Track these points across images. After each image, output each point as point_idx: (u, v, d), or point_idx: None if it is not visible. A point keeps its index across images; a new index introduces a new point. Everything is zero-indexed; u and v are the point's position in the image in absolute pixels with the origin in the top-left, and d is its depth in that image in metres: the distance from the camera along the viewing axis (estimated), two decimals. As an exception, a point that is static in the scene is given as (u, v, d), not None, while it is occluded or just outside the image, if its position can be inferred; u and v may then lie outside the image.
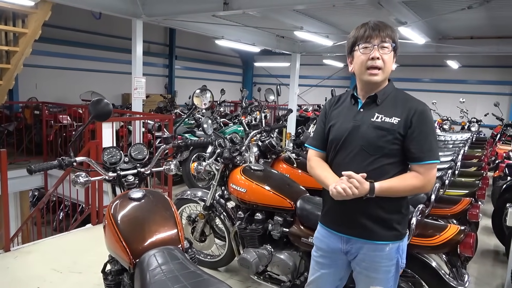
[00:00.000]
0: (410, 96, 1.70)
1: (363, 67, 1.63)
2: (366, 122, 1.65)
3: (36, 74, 8.71)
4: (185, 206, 3.43)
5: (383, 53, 1.60)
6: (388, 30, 1.62)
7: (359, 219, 1.68)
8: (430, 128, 1.62)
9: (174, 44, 12.36)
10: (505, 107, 11.10)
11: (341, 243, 1.74)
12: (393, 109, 1.64)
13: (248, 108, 7.62)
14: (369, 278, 1.71)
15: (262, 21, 7.09)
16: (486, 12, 5.95)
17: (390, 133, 1.60)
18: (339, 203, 1.69)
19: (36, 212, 5.44)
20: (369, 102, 1.68)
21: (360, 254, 1.71)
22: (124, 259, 1.70)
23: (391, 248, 1.67)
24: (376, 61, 1.60)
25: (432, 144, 1.60)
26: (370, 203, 1.64)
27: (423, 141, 1.59)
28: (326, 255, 1.81)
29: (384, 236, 1.67)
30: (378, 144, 1.62)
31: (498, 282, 3.45)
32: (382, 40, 1.59)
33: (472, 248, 2.06)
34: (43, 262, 3.43)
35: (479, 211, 2.81)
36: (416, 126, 1.59)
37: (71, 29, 9.37)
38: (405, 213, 1.73)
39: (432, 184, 1.63)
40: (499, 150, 6.60)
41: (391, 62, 1.64)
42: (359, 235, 1.69)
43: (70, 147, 2.01)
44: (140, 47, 6.18)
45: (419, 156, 1.59)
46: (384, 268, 1.68)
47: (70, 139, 6.56)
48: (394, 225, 1.67)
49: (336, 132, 1.72)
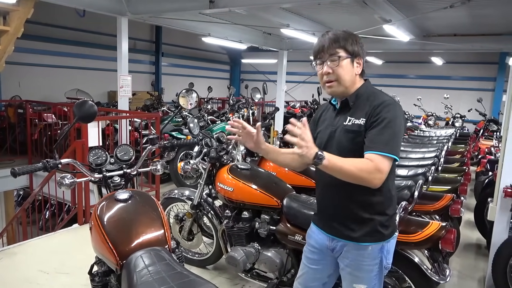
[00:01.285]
0: (381, 93, 1.69)
1: (322, 82, 1.72)
2: (340, 126, 1.71)
3: (19, 72, 8.55)
4: (173, 205, 3.44)
5: (333, 66, 1.65)
6: (336, 42, 1.64)
7: (340, 219, 1.72)
8: (388, 121, 1.56)
9: (161, 41, 12.25)
10: (488, 103, 11.33)
11: (328, 241, 1.79)
12: (362, 110, 1.66)
13: (235, 105, 7.61)
14: (352, 276, 1.74)
15: (248, 18, 7.08)
16: (468, 10, 6.06)
17: (358, 135, 1.63)
18: (325, 203, 1.78)
19: (21, 212, 5.37)
20: (343, 107, 1.73)
21: (343, 252, 1.74)
22: (110, 260, 1.71)
23: (374, 248, 1.70)
24: (329, 76, 1.66)
25: (387, 137, 1.55)
26: (352, 204, 1.67)
27: (378, 131, 1.56)
28: (315, 251, 1.86)
29: (366, 238, 1.69)
30: (350, 147, 1.64)
31: (480, 275, 3.55)
32: (330, 54, 1.64)
33: (453, 244, 2.12)
34: (30, 264, 3.40)
35: (460, 206, 2.89)
36: (375, 119, 1.58)
37: (55, 26, 9.20)
38: (389, 214, 1.72)
39: (381, 179, 1.53)
40: (482, 145, 6.76)
41: (348, 71, 1.66)
42: (341, 236, 1.73)
43: (55, 149, 2.00)
44: (125, 44, 6.12)
45: (369, 146, 1.56)
46: (366, 267, 1.71)
47: (55, 138, 6.47)
48: (376, 227, 1.68)
49: (319, 138, 1.78)
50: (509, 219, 3.14)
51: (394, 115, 1.59)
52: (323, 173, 1.62)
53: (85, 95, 7.57)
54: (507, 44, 7.83)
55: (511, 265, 2.91)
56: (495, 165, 4.33)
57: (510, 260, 2.90)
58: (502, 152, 3.16)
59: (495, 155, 5.05)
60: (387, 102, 1.61)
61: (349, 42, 1.66)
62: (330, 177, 1.60)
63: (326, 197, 1.78)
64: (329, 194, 1.75)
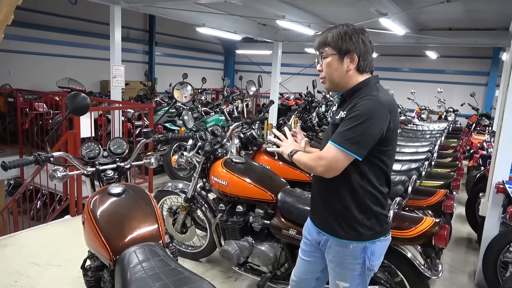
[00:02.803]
0: (372, 90, 1.61)
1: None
2: (331, 121, 1.77)
3: (10, 59, 8.41)
4: (166, 198, 3.42)
5: (322, 64, 1.70)
6: (326, 41, 1.65)
7: (325, 215, 1.75)
8: (356, 118, 1.52)
9: (154, 30, 12.11)
10: (481, 97, 11.40)
11: (316, 234, 1.83)
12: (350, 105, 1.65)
13: (229, 97, 7.57)
14: (334, 271, 1.77)
15: (244, 9, 7.01)
16: (463, 5, 6.06)
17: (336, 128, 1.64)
18: (313, 196, 1.85)
19: (12, 202, 5.32)
20: (342, 102, 1.76)
21: (327, 247, 1.77)
22: (104, 255, 1.69)
23: (355, 247, 1.66)
24: (321, 73, 1.73)
25: (346, 131, 1.53)
26: (335, 198, 1.69)
27: (342, 126, 1.57)
28: (308, 243, 1.90)
29: (346, 235, 1.67)
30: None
31: (470, 269, 3.59)
32: (320, 53, 1.70)
33: (446, 240, 2.14)
34: (21, 256, 3.37)
35: (453, 202, 2.91)
36: (349, 111, 1.58)
37: (46, 13, 9.03)
38: (372, 216, 1.65)
39: (324, 167, 1.55)
40: (474, 140, 6.79)
41: (334, 69, 1.65)
42: (324, 230, 1.76)
43: (47, 141, 1.97)
44: (118, 34, 6.02)
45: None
46: (348, 265, 1.70)
47: (47, 128, 6.39)
48: (354, 224, 1.65)
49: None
50: (500, 215, 3.17)
51: (364, 111, 1.52)
52: None
53: (77, 84, 7.47)
54: (501, 39, 7.86)
55: (501, 260, 2.95)
56: (487, 161, 4.36)
57: (500, 255, 2.93)
58: (495, 148, 3.18)
59: (487, 150, 5.09)
60: (365, 101, 1.55)
61: (338, 40, 1.61)
62: None
63: (315, 191, 1.82)
64: (317, 188, 1.79)
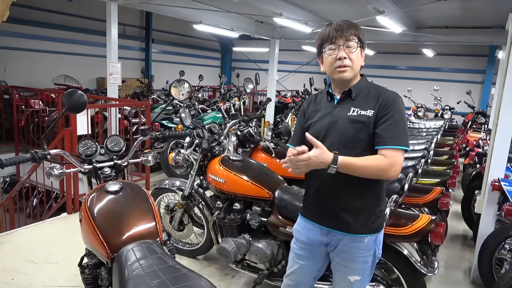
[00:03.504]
0: (383, 88, 1.73)
1: (332, 67, 1.69)
2: (342, 117, 1.68)
3: (5, 56, 8.35)
4: (163, 196, 3.42)
5: (349, 52, 1.64)
6: (352, 28, 1.64)
7: (338, 212, 1.70)
8: (399, 115, 1.61)
9: (151, 27, 12.04)
10: (477, 95, 11.45)
11: (322, 235, 1.77)
12: (368, 102, 1.67)
13: (226, 94, 7.55)
14: (347, 268, 1.75)
15: (241, 6, 6.99)
16: (460, 3, 6.07)
17: (366, 126, 1.63)
18: (319, 195, 1.76)
19: (8, 200, 5.29)
20: (344, 97, 1.72)
21: (339, 246, 1.74)
22: (101, 253, 1.68)
23: (370, 239, 1.71)
24: (344, 61, 1.64)
25: (400, 131, 1.60)
26: (352, 195, 1.68)
27: (391, 126, 1.59)
28: (305, 247, 1.84)
29: (363, 230, 1.70)
30: (357, 137, 1.64)
31: (466, 266, 3.62)
32: (347, 39, 1.63)
33: (442, 238, 2.15)
34: (17, 253, 3.36)
35: (449, 200, 2.93)
36: (386, 113, 1.61)
37: (42, 9, 8.97)
38: (382, 207, 1.76)
39: (397, 171, 1.60)
40: (470, 138, 6.83)
41: (359, 59, 1.68)
42: (338, 228, 1.72)
43: (43, 139, 1.95)
44: (115, 30, 6.00)
45: (384, 140, 1.59)
46: (362, 258, 1.73)
47: (43, 126, 6.36)
48: (373, 219, 1.70)
49: (315, 129, 1.74)
50: (496, 212, 3.20)
51: (402, 110, 1.64)
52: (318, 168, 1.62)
53: (73, 81, 7.44)
54: (497, 37, 7.89)
55: (496, 257, 2.97)
56: (482, 158, 4.39)
57: (496, 252, 2.96)
58: (490, 146, 3.20)
59: (483, 148, 5.11)
60: (397, 98, 1.65)
61: (361, 32, 1.67)
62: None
63: (326, 189, 1.73)
64: (330, 186, 1.70)
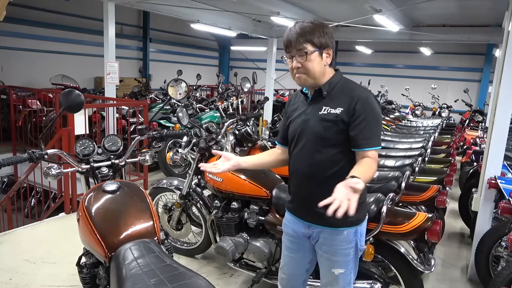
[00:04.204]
0: (356, 85, 1.75)
1: (292, 74, 1.73)
2: (314, 115, 1.73)
3: (2, 56, 8.34)
4: (161, 195, 3.42)
5: (301, 60, 1.65)
6: (303, 36, 1.63)
7: (315, 206, 1.72)
8: (372, 115, 1.64)
9: (149, 26, 12.03)
10: (474, 93, 11.48)
11: (304, 228, 1.84)
12: (338, 99, 1.69)
13: (224, 93, 7.56)
14: (329, 261, 1.80)
15: (238, 5, 6.98)
16: (457, 2, 6.09)
17: (335, 124, 1.66)
18: (298, 191, 1.84)
19: (6, 200, 5.29)
20: (316, 96, 1.75)
21: (320, 238, 1.80)
22: (99, 252, 1.69)
23: (349, 232, 1.75)
24: (298, 70, 1.68)
25: (373, 132, 1.64)
26: (327, 191, 1.65)
27: (365, 128, 1.62)
28: (293, 240, 1.91)
29: (341, 223, 1.71)
30: (325, 136, 1.69)
31: (463, 263, 3.63)
32: (297, 49, 1.65)
33: (439, 235, 2.16)
34: (15, 253, 3.36)
35: (446, 197, 2.94)
36: (359, 113, 1.63)
37: (39, 9, 8.95)
38: (362, 199, 1.77)
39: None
40: (467, 136, 6.85)
41: (317, 63, 1.67)
42: (317, 222, 1.78)
43: (41, 139, 1.96)
44: (112, 30, 5.98)
45: (365, 142, 1.63)
46: (343, 251, 1.77)
47: (41, 125, 6.35)
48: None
49: (292, 127, 1.82)
50: (493, 210, 3.21)
51: (375, 108, 1.67)
52: (298, 164, 1.77)
53: (70, 81, 7.43)
54: (494, 36, 7.90)
55: (493, 254, 2.99)
56: (480, 156, 4.40)
57: (492, 250, 2.97)
58: (487, 144, 3.21)
59: (480, 146, 5.13)
60: (369, 96, 1.67)
61: (316, 34, 1.64)
62: (306, 167, 1.74)
63: (303, 185, 1.80)
64: (306, 183, 1.78)
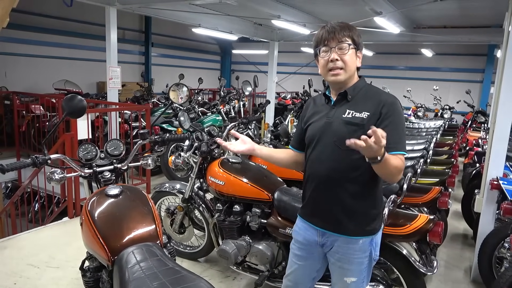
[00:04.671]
0: (381, 90, 1.74)
1: (325, 69, 1.69)
2: (337, 118, 1.69)
3: (5, 62, 8.39)
4: (164, 199, 3.44)
5: (341, 53, 1.64)
6: (346, 30, 1.65)
7: (334, 213, 1.72)
8: (398, 119, 1.63)
9: (150, 30, 12.09)
10: (476, 94, 11.45)
11: (317, 236, 1.80)
12: (364, 104, 1.67)
13: (226, 97, 7.58)
14: (342, 269, 1.76)
15: (239, 9, 7.02)
16: (457, 2, 6.09)
17: (360, 128, 1.62)
18: (315, 196, 1.77)
19: (10, 205, 5.32)
20: (340, 99, 1.73)
21: (334, 247, 1.76)
22: (102, 256, 1.71)
23: (365, 241, 1.72)
24: (336, 63, 1.65)
25: (400, 136, 1.62)
26: (345, 196, 1.68)
27: (392, 131, 1.57)
28: (303, 248, 1.86)
29: (358, 232, 1.71)
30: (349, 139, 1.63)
31: (466, 265, 3.62)
32: (339, 41, 1.64)
33: (440, 237, 2.16)
34: (19, 258, 3.38)
35: (448, 199, 2.94)
36: (385, 117, 1.62)
37: (41, 15, 9.01)
38: (379, 209, 1.77)
39: (401, 176, 1.63)
40: (470, 137, 6.85)
41: (353, 61, 1.68)
42: (333, 230, 1.74)
43: (44, 144, 1.98)
44: (114, 35, 6.02)
45: (391, 146, 1.54)
46: (357, 260, 1.73)
47: (44, 130, 6.39)
48: (368, 221, 1.72)
49: (311, 131, 1.78)
50: (495, 211, 3.20)
51: (401, 114, 1.66)
52: (317, 166, 1.71)
53: (73, 86, 7.47)
54: (495, 36, 7.89)
55: (496, 256, 2.98)
56: (482, 157, 4.40)
57: (495, 251, 2.97)
58: (489, 145, 3.21)
59: (483, 147, 5.12)
60: (395, 101, 1.66)
61: (356, 33, 1.68)
62: (325, 170, 1.68)
63: (321, 191, 1.75)
64: (324, 188, 1.72)
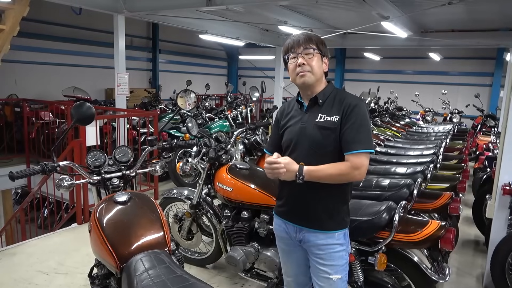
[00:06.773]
0: (347, 94, 1.82)
1: (294, 74, 1.79)
2: (311, 123, 1.79)
3: (16, 70, 8.50)
4: (172, 205, 3.43)
5: (308, 58, 1.75)
6: (310, 39, 1.78)
7: (310, 210, 1.80)
8: (361, 120, 1.71)
9: (158, 37, 12.19)
10: (485, 98, 11.33)
11: (295, 232, 1.87)
12: (333, 108, 1.77)
13: (233, 102, 7.59)
14: (324, 266, 1.80)
15: (246, 15, 7.06)
16: (465, 6, 6.05)
17: (333, 132, 1.73)
18: (292, 195, 1.85)
19: (20, 211, 5.36)
20: (312, 104, 1.82)
21: (311, 243, 1.82)
22: (110, 263, 1.70)
23: (340, 234, 1.81)
24: (303, 67, 1.75)
25: (361, 135, 1.69)
26: (320, 195, 1.77)
27: (354, 132, 1.69)
28: (288, 242, 1.94)
29: (333, 227, 1.80)
30: (323, 143, 1.75)
31: (478, 272, 3.56)
32: (305, 48, 1.75)
33: (452, 243, 2.12)
34: (28, 264, 3.40)
35: (459, 205, 2.89)
36: (348, 119, 1.71)
37: (51, 23, 9.13)
38: (348, 203, 1.87)
39: (362, 174, 1.70)
40: (480, 141, 6.76)
41: (319, 65, 1.78)
42: (311, 226, 1.81)
43: (53, 151, 1.99)
44: (122, 42, 6.09)
45: (347, 146, 1.69)
46: (337, 253, 1.80)
47: (53, 137, 6.45)
48: (341, 215, 1.82)
49: (287, 135, 1.86)
50: (508, 217, 3.15)
51: (364, 114, 1.73)
52: None
53: (82, 93, 7.55)
54: (504, 40, 7.84)
55: (509, 262, 2.92)
56: (493, 162, 4.34)
57: (508, 258, 2.91)
58: (500, 150, 3.17)
59: (493, 151, 5.06)
60: (358, 103, 1.74)
61: (319, 42, 1.80)
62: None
63: (296, 190, 1.81)
64: (299, 188, 1.77)
